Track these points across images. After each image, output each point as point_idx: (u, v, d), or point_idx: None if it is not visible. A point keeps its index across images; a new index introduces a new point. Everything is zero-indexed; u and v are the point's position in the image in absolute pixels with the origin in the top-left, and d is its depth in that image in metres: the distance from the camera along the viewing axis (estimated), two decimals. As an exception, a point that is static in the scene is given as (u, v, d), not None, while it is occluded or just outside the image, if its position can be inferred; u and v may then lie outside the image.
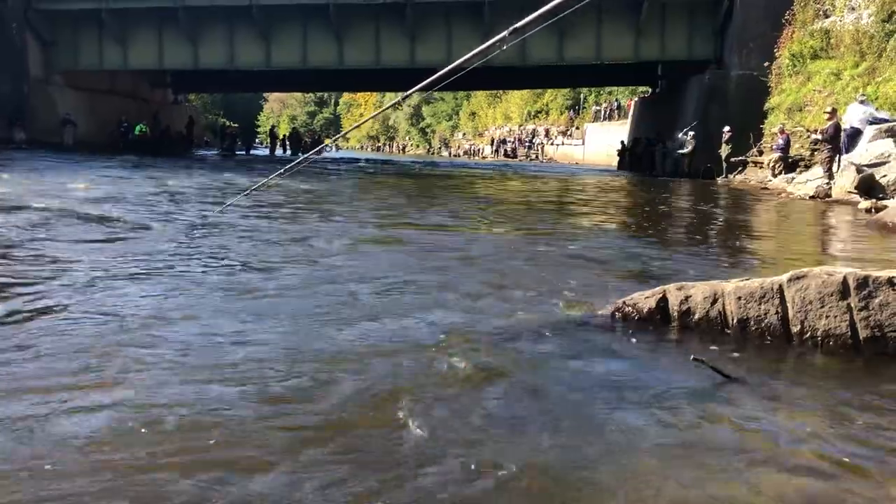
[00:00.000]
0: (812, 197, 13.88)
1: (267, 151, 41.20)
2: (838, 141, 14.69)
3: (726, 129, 21.00)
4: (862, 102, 15.10)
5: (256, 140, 48.57)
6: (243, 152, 37.35)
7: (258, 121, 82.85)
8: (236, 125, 47.13)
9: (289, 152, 42.06)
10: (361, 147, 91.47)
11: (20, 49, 26.32)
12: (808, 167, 16.80)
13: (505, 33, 4.93)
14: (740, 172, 20.72)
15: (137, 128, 30.04)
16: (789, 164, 17.72)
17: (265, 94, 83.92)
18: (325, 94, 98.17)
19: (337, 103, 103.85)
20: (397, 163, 35.64)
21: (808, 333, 3.50)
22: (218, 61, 27.79)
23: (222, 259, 5.51)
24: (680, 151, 23.20)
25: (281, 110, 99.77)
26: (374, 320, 3.81)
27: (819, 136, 15.32)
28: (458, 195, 14.69)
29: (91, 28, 27.04)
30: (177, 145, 32.19)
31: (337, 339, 3.43)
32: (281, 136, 47.76)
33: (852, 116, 15.04)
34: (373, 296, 4.41)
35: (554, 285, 4.83)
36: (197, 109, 43.90)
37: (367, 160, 35.72)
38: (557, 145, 47.58)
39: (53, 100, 27.26)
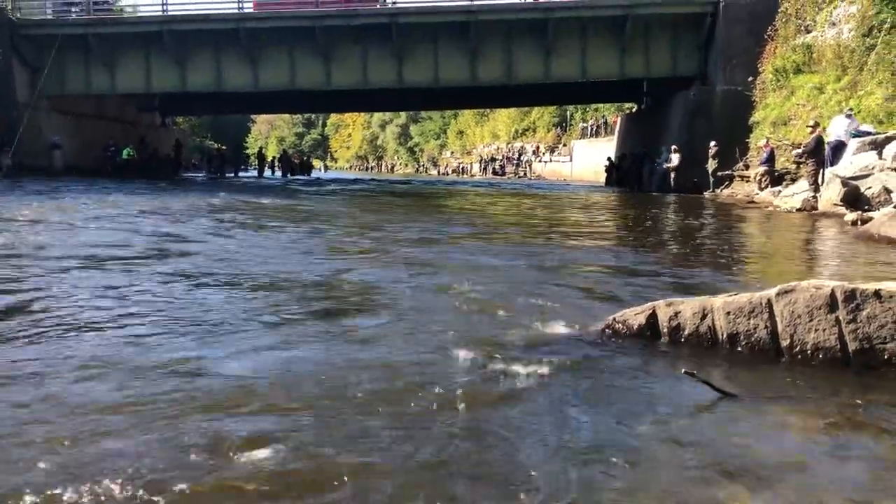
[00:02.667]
0: (799, 210, 13.98)
1: (255, 174, 41.25)
2: (822, 154, 14.83)
3: (712, 143, 21.18)
4: (849, 117, 15.29)
5: (246, 163, 48.48)
6: (232, 174, 37.36)
7: (246, 142, 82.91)
8: (224, 147, 47.16)
9: (279, 174, 42.19)
10: (350, 167, 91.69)
11: (6, 74, 26.28)
12: (794, 180, 16.94)
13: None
14: (727, 186, 20.88)
15: (125, 151, 30.00)
16: (775, 178, 17.87)
17: (253, 116, 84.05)
18: (313, 116, 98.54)
19: (325, 124, 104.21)
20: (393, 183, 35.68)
21: (798, 347, 3.51)
22: (206, 84, 27.84)
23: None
24: (666, 165, 23.40)
25: (269, 132, 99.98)
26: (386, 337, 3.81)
27: (801, 150, 15.48)
28: (449, 213, 14.73)
29: (78, 53, 27.06)
30: (165, 168, 32.14)
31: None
32: (270, 159, 47.86)
33: (836, 129, 15.21)
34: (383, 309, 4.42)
35: (544, 301, 4.83)
36: (185, 132, 43.90)
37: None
38: (545, 162, 47.85)
39: (40, 124, 27.16)
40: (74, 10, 28.82)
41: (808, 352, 3.49)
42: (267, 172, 42.01)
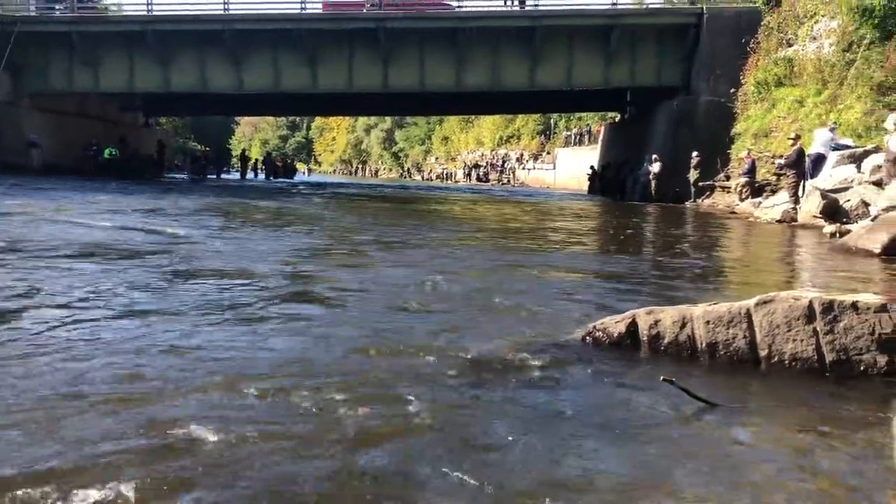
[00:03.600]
0: (779, 221, 14.11)
1: (238, 175, 41.04)
2: (802, 166, 14.99)
3: (694, 154, 21.34)
4: (832, 130, 15.50)
5: (229, 164, 48.14)
6: (214, 176, 37.15)
7: (230, 144, 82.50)
8: (207, 148, 46.86)
9: (262, 176, 42.04)
10: (334, 171, 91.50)
11: (-13, 71, 25.99)
12: (774, 192, 17.10)
13: None
14: (708, 197, 21.04)
15: (107, 151, 29.73)
16: (756, 189, 18.03)
17: (237, 118, 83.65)
18: (298, 118, 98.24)
19: (309, 127, 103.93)
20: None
21: (776, 357, 3.55)
22: (189, 85, 27.66)
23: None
24: (648, 167, 23.53)
25: (253, 134, 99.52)
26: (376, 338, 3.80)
27: (782, 162, 15.65)
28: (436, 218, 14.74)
29: (61, 50, 26.81)
30: (147, 169, 31.89)
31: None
32: (253, 160, 47.63)
33: (818, 141, 15.40)
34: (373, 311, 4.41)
35: (525, 309, 4.84)
36: (168, 133, 43.60)
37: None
38: (529, 170, 47.98)
39: (20, 122, 26.86)
40: (58, 8, 28.56)
41: (786, 362, 3.52)
42: (250, 175, 41.83)
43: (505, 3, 27.01)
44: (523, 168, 49.24)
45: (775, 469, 2.45)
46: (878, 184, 12.73)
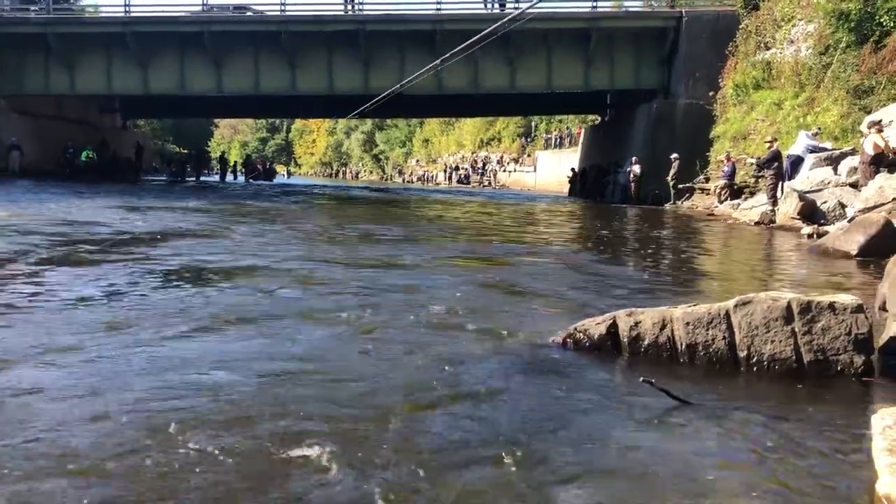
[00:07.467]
0: (757, 223, 14.24)
1: (217, 178, 40.81)
2: (780, 167, 15.15)
3: (674, 156, 21.49)
4: (815, 136, 15.71)
5: (208, 166, 47.75)
6: (193, 179, 36.89)
7: (209, 146, 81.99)
8: (185, 151, 46.52)
9: (241, 178, 41.85)
10: (314, 173, 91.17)
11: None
12: (752, 194, 17.27)
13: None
14: (687, 199, 21.19)
15: (84, 154, 29.44)
16: (735, 191, 18.20)
17: (216, 120, 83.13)
18: (277, 121, 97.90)
19: (289, 129, 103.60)
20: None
21: (755, 358, 3.57)
22: (168, 87, 27.48)
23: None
24: (628, 170, 23.69)
25: (232, 136, 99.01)
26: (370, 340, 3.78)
27: (754, 160, 15.84)
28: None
29: (37, 52, 26.51)
30: (126, 172, 31.62)
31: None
32: (232, 163, 47.44)
33: (799, 143, 15.61)
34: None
35: (503, 310, 4.83)
36: (146, 135, 43.27)
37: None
38: (510, 172, 48.13)
39: (-4, 124, 26.56)
40: (34, 9, 28.27)
41: (765, 362, 3.54)
42: (229, 177, 41.62)
43: (485, 5, 27.08)
44: (504, 170, 49.39)
45: (753, 468, 2.46)
46: (855, 185, 12.90)
